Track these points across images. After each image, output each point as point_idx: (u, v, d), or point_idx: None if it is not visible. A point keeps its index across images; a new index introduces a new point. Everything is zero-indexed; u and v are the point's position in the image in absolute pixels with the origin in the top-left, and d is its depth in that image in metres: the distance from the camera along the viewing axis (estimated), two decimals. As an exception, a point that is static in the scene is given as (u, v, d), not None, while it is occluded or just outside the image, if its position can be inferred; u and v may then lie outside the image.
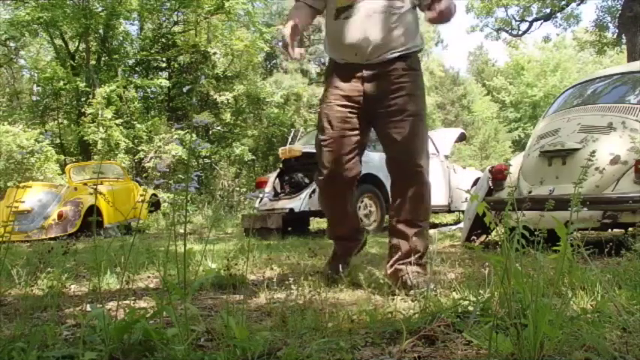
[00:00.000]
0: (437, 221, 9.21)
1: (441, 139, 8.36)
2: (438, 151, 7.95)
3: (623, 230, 3.89)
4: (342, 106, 2.32)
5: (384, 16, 2.25)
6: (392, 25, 2.26)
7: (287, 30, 2.21)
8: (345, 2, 2.29)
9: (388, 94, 2.27)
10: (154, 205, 9.46)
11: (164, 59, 15.32)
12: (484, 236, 4.19)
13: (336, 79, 2.36)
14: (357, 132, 2.33)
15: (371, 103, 2.30)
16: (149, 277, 2.93)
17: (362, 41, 2.25)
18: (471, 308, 1.57)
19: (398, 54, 2.27)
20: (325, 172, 2.36)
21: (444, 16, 2.14)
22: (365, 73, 2.29)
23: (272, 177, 7.34)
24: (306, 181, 6.85)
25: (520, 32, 17.60)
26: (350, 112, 2.32)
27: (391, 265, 2.28)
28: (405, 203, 2.27)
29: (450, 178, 7.97)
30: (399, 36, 2.27)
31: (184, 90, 13.96)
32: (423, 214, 2.30)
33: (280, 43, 2.22)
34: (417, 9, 2.36)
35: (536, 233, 1.54)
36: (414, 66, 2.33)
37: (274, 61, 21.70)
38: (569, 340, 1.25)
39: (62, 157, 13.28)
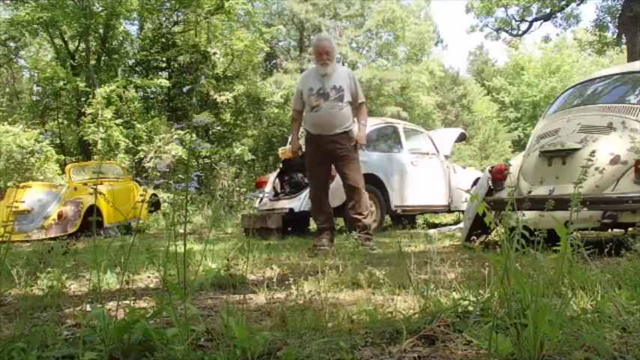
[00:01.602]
0: (437, 221, 9.21)
1: (441, 139, 8.35)
2: (438, 151, 7.95)
3: (623, 230, 3.89)
4: (319, 155, 4.53)
5: (334, 112, 4.41)
6: (338, 117, 4.42)
7: (295, 144, 4.83)
8: (315, 104, 4.44)
9: (338, 150, 4.45)
10: (154, 205, 9.45)
11: (164, 59, 15.31)
12: (484, 236, 4.19)
13: (313, 142, 4.57)
14: (325, 169, 4.59)
15: (330, 154, 4.48)
16: (149, 277, 2.94)
17: (324, 125, 4.45)
18: (471, 308, 1.57)
19: (342, 131, 4.45)
20: (314, 189, 4.71)
21: (361, 144, 4.56)
22: (327, 139, 4.45)
23: (272, 177, 7.33)
24: (306, 181, 6.84)
25: (520, 32, 17.61)
26: (322, 158, 4.53)
27: (354, 230, 4.21)
28: (356, 206, 4.51)
29: (450, 178, 7.96)
30: (341, 122, 4.45)
31: (184, 90, 13.93)
32: (365, 208, 4.52)
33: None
34: (351, 105, 4.51)
35: (536, 233, 1.54)
36: (350, 135, 4.51)
37: (274, 61, 21.72)
38: (569, 340, 1.25)
39: (62, 157, 13.27)
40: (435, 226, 8.18)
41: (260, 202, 7.02)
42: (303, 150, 6.90)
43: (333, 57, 4.55)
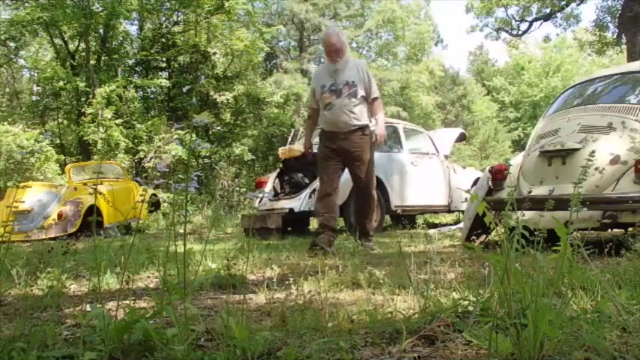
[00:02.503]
0: (437, 221, 9.21)
1: (441, 139, 8.35)
2: (437, 151, 7.95)
3: (623, 230, 3.89)
4: (332, 151, 4.34)
5: (348, 108, 4.24)
6: (352, 113, 4.25)
7: (308, 143, 4.73)
8: (327, 101, 4.29)
9: (352, 148, 4.29)
10: (154, 205, 9.45)
11: (164, 59, 15.31)
12: (484, 236, 4.19)
13: (326, 139, 4.39)
14: (337, 166, 4.37)
15: (344, 153, 4.32)
16: (149, 277, 2.93)
17: (338, 122, 4.28)
18: (471, 308, 1.57)
19: (356, 127, 4.27)
20: (323, 186, 4.40)
21: (381, 137, 4.36)
22: (341, 136, 4.29)
23: (272, 177, 7.33)
24: (306, 181, 6.84)
25: (520, 32, 17.63)
26: (335, 155, 4.34)
27: (358, 239, 4.21)
28: (363, 209, 4.43)
29: (450, 178, 7.97)
30: (355, 118, 4.26)
31: (184, 90, 13.92)
32: (371, 213, 4.44)
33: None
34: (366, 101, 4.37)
35: (536, 233, 1.54)
36: (365, 132, 4.33)
37: (274, 61, 21.71)
38: (569, 340, 1.25)
39: (62, 157, 13.26)
40: (435, 226, 8.18)
41: (260, 202, 7.02)
42: (303, 151, 6.94)
43: (344, 52, 4.32)
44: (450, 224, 8.28)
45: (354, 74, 4.29)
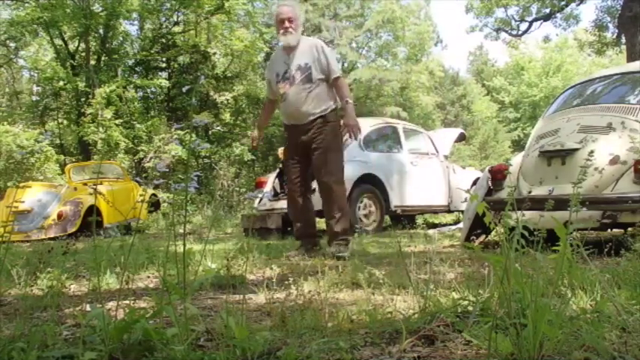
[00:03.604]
0: (437, 221, 9.21)
1: (440, 139, 8.35)
2: (437, 151, 7.95)
3: (622, 230, 3.89)
4: (295, 149, 3.93)
5: (302, 96, 3.76)
6: (307, 101, 3.77)
7: (255, 135, 4.22)
8: (282, 91, 3.84)
9: (312, 137, 3.80)
10: (154, 205, 9.45)
11: (164, 59, 15.30)
12: (484, 236, 4.19)
13: (289, 134, 4.00)
14: (302, 165, 3.91)
15: (306, 144, 3.84)
16: (149, 277, 2.93)
17: (294, 114, 3.85)
18: (470, 308, 1.57)
19: (317, 116, 3.79)
20: (290, 189, 4.02)
21: (353, 128, 3.78)
22: (301, 128, 3.84)
23: (272, 177, 7.33)
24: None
25: (520, 32, 17.65)
26: (299, 152, 3.90)
27: (328, 242, 3.85)
28: (327, 207, 3.82)
29: (450, 178, 7.97)
30: (314, 106, 3.78)
31: (184, 90, 13.92)
32: (336, 210, 3.76)
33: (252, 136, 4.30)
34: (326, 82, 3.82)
35: (535, 233, 1.54)
36: (329, 119, 3.82)
37: (274, 61, 21.67)
38: (568, 340, 1.25)
39: (62, 157, 13.27)
40: (434, 226, 8.18)
41: (260, 202, 7.02)
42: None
43: (298, 25, 3.81)
44: (450, 224, 8.28)
45: (306, 56, 3.78)
